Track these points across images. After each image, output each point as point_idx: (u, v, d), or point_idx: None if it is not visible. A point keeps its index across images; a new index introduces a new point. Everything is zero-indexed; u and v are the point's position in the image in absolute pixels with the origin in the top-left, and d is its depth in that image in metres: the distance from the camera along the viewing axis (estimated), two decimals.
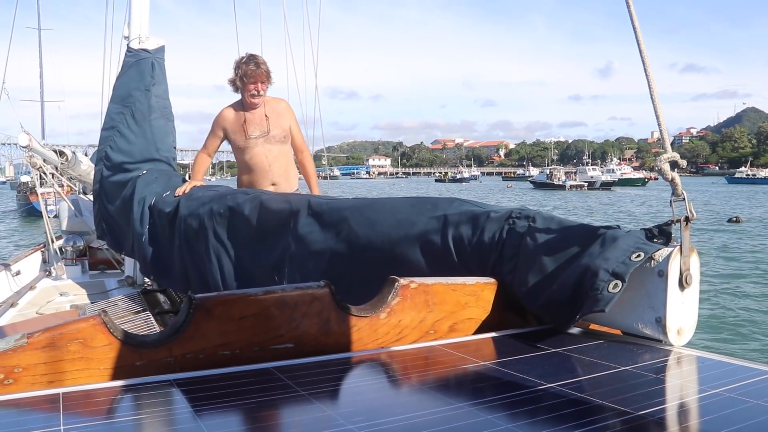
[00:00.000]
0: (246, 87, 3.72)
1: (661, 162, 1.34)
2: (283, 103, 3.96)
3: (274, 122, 3.80)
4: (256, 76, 3.69)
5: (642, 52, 1.46)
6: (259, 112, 3.80)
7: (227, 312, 1.31)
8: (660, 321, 1.31)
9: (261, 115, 3.80)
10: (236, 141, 3.78)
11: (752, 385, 1.04)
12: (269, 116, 3.79)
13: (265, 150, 3.76)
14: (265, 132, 3.77)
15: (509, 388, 1.08)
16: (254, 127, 3.76)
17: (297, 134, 3.99)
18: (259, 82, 3.72)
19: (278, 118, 3.82)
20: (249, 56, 3.81)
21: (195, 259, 2.76)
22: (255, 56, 3.82)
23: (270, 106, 3.84)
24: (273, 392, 1.09)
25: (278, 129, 3.80)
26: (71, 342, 1.20)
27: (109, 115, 3.90)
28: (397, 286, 1.45)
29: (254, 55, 3.85)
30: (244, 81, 3.71)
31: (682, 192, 1.36)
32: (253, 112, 3.78)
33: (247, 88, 3.71)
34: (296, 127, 3.99)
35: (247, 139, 3.73)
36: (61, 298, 4.62)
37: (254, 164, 3.74)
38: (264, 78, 3.74)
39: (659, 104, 1.45)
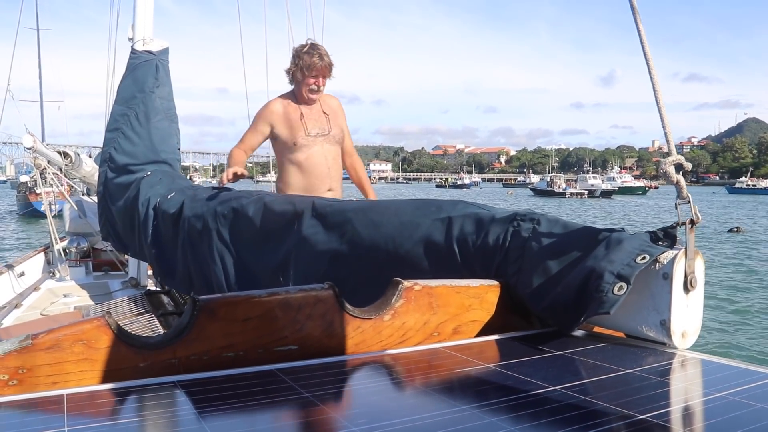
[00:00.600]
0: (305, 80, 3.39)
1: (666, 165, 1.34)
2: (336, 101, 3.63)
3: (333, 121, 3.50)
4: (318, 69, 3.37)
5: (646, 53, 1.46)
6: (317, 108, 3.48)
7: (231, 313, 1.31)
8: (664, 324, 1.31)
9: (319, 112, 3.48)
10: (290, 138, 3.39)
11: (757, 389, 1.04)
12: (328, 114, 3.49)
13: (324, 150, 3.44)
14: (325, 131, 3.45)
15: (513, 391, 1.08)
16: (313, 124, 3.43)
17: (348, 135, 3.66)
18: (320, 76, 3.40)
19: (335, 117, 3.53)
20: (311, 45, 3.43)
21: (198, 261, 2.76)
22: (317, 46, 3.45)
23: (326, 102, 3.52)
24: (277, 394, 1.09)
25: (337, 128, 3.51)
26: (75, 343, 1.20)
27: (113, 117, 3.91)
28: (401, 288, 1.45)
29: (316, 44, 3.48)
30: (304, 73, 3.38)
31: (687, 195, 1.35)
32: (310, 107, 3.47)
33: (307, 81, 3.39)
34: (347, 128, 3.65)
35: (306, 136, 3.39)
36: (65, 299, 4.63)
37: (311, 165, 3.40)
38: (326, 72, 3.42)
39: (664, 107, 1.45)
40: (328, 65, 3.42)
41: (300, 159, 3.41)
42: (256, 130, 3.48)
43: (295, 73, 3.42)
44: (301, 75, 3.38)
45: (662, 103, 1.45)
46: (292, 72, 3.44)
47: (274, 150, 3.54)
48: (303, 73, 3.38)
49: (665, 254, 1.33)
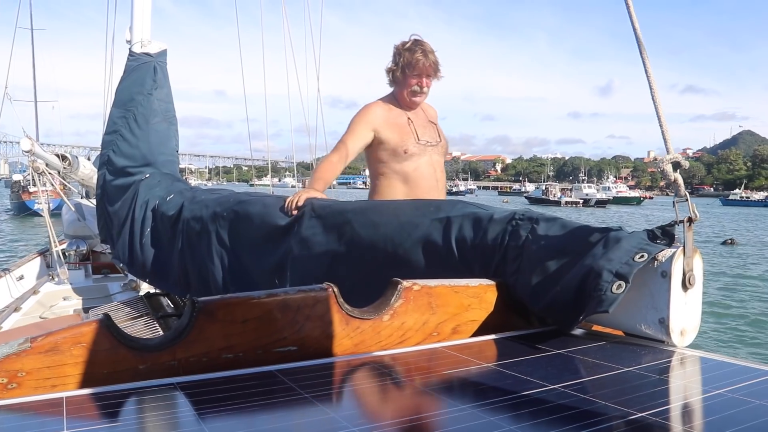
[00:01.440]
0: (407, 80, 3.03)
1: (664, 163, 1.34)
2: (434, 109, 3.32)
3: (439, 130, 3.20)
4: (422, 68, 3.00)
5: (642, 52, 1.46)
6: (421, 114, 3.15)
7: (230, 315, 1.31)
8: (663, 322, 1.31)
9: (424, 119, 3.15)
10: (400, 145, 3.01)
11: (756, 386, 1.04)
12: (433, 121, 3.19)
13: (434, 161, 3.11)
14: (436, 140, 3.12)
15: (512, 390, 1.08)
16: (423, 131, 3.09)
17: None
18: (424, 76, 3.03)
19: (438, 126, 3.23)
20: (414, 41, 3.06)
21: (197, 262, 2.76)
22: (421, 42, 3.06)
23: (427, 109, 3.20)
24: (276, 395, 1.09)
25: (444, 139, 3.17)
26: (74, 346, 1.20)
27: (111, 119, 3.91)
28: (400, 288, 1.45)
29: (420, 40, 3.09)
30: (405, 72, 3.02)
31: (685, 193, 1.36)
32: (415, 113, 3.12)
33: (409, 82, 3.02)
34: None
35: (417, 144, 3.03)
36: (65, 302, 4.63)
37: (419, 177, 3.03)
38: (431, 71, 3.05)
39: (661, 106, 1.45)
40: (433, 63, 3.05)
41: (407, 169, 3.04)
42: (356, 136, 3.04)
43: (395, 72, 3.07)
44: (402, 75, 3.04)
45: (659, 102, 1.46)
46: (392, 72, 3.09)
47: (371, 159, 3.16)
48: (404, 73, 3.03)
49: (663, 252, 1.33)
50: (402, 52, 3.03)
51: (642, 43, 1.47)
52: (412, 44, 3.03)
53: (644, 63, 1.47)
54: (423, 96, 3.08)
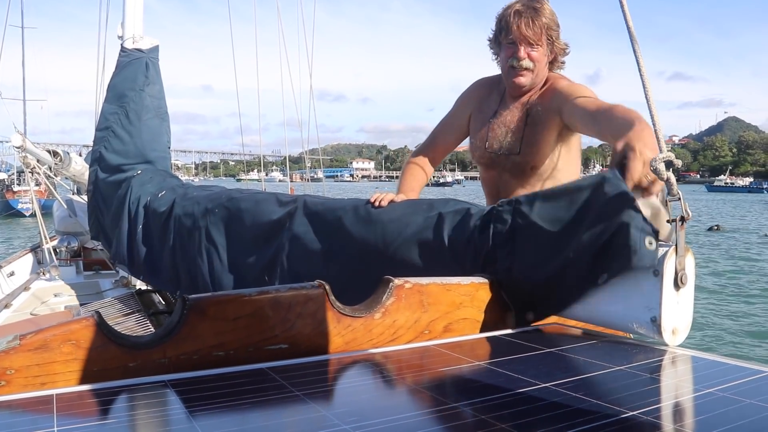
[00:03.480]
0: (503, 52, 2.36)
1: (657, 162, 1.34)
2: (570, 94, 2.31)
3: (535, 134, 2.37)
4: (517, 33, 2.26)
5: (636, 51, 1.46)
6: (532, 107, 2.36)
7: (221, 312, 1.30)
8: (655, 321, 1.31)
9: (517, 116, 2.39)
10: (473, 147, 2.53)
11: (746, 385, 1.04)
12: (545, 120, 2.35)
13: (500, 180, 2.49)
14: (510, 149, 2.41)
15: (504, 388, 1.08)
16: (501, 133, 2.42)
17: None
18: (524, 44, 2.28)
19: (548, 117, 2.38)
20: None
21: (187, 259, 2.75)
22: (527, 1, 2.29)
23: (552, 98, 2.32)
24: (267, 392, 1.08)
25: (530, 150, 2.36)
26: (64, 343, 1.19)
27: (103, 115, 3.90)
28: (392, 286, 1.45)
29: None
30: (499, 41, 2.35)
31: (677, 192, 1.36)
32: (515, 104, 2.41)
33: (504, 53, 2.35)
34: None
35: (485, 151, 2.48)
36: (56, 299, 4.61)
37: (485, 194, 2.58)
38: (534, 37, 2.26)
39: (654, 105, 1.45)
40: (542, 27, 2.25)
41: (482, 180, 2.57)
42: (447, 115, 2.59)
43: (492, 42, 2.39)
44: (497, 45, 2.37)
45: (652, 101, 1.46)
46: (491, 41, 2.41)
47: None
48: (498, 42, 2.36)
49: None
50: (502, 14, 2.33)
51: (635, 39, 1.47)
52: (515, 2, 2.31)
53: (638, 63, 1.47)
54: (528, 75, 2.31)
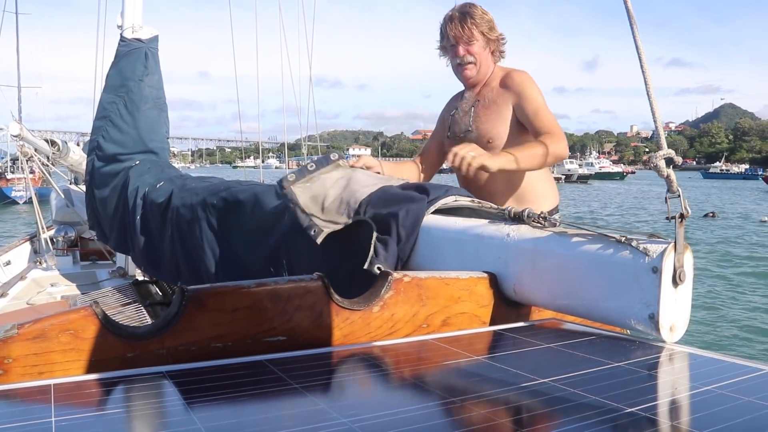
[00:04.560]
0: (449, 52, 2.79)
1: (657, 159, 1.34)
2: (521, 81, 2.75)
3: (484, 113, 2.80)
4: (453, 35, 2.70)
5: (638, 48, 1.46)
6: (485, 94, 2.79)
7: (220, 304, 1.30)
8: (653, 317, 1.31)
9: (473, 101, 2.81)
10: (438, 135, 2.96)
11: (744, 382, 1.04)
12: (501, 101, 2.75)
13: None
14: (467, 129, 2.81)
15: (502, 383, 1.08)
16: (463, 118, 2.82)
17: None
18: (460, 43, 2.71)
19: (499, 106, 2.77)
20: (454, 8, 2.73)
21: (186, 251, 2.75)
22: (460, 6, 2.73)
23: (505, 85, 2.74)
24: (265, 385, 1.08)
25: (483, 128, 2.75)
26: (62, 333, 1.19)
27: (101, 105, 3.88)
28: (390, 279, 1.45)
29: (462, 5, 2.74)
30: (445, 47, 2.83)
31: (677, 189, 1.36)
32: (474, 94, 2.82)
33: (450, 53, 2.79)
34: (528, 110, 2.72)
35: (447, 138, 2.89)
36: (52, 288, 4.61)
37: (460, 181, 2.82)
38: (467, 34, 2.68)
39: (656, 102, 1.45)
40: (473, 25, 2.67)
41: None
42: (432, 133, 3.00)
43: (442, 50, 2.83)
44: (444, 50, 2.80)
45: (654, 97, 1.46)
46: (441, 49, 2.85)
47: None
48: (444, 48, 2.81)
49: (654, 247, 1.33)
50: (441, 25, 2.77)
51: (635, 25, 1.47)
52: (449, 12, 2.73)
53: (640, 58, 1.47)
54: (474, 69, 2.72)
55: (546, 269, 1.52)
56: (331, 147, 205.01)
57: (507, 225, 1.66)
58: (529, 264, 1.56)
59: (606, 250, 1.40)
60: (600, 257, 1.40)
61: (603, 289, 1.40)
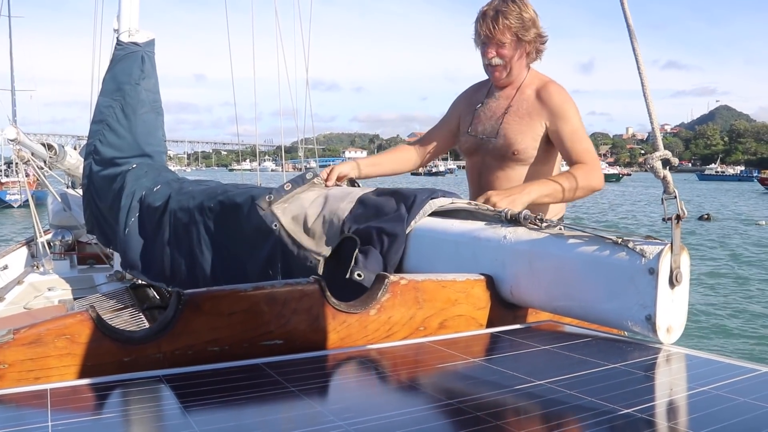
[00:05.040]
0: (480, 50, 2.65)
1: (653, 160, 1.34)
2: (555, 94, 2.63)
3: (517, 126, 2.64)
4: (484, 35, 2.57)
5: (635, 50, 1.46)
6: (517, 99, 2.67)
7: (216, 307, 1.30)
8: (650, 319, 1.32)
9: (502, 106, 2.68)
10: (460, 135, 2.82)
11: (740, 383, 1.04)
12: (533, 112, 2.63)
13: (482, 164, 2.71)
14: (492, 135, 2.67)
15: (499, 385, 1.08)
16: (485, 120, 2.70)
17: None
18: (491, 44, 2.58)
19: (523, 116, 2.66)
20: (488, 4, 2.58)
21: (183, 254, 2.75)
22: (494, 2, 2.56)
23: (537, 93, 2.61)
24: (262, 388, 1.08)
25: (508, 137, 2.62)
26: (58, 338, 1.19)
27: (98, 108, 3.88)
28: (387, 282, 1.45)
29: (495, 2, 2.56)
30: (477, 44, 2.68)
31: (673, 190, 1.36)
32: (503, 96, 2.70)
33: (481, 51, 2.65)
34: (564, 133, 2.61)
35: (467, 135, 2.75)
36: (49, 293, 4.59)
37: (469, 181, 2.81)
38: (498, 35, 2.53)
39: (652, 102, 1.45)
40: (502, 26, 2.50)
41: (467, 168, 2.76)
42: (441, 120, 2.86)
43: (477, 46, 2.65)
44: (477, 47, 2.64)
45: (650, 98, 1.46)
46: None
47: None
48: (477, 45, 2.65)
49: (651, 249, 1.33)
50: (476, 18, 2.62)
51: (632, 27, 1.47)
52: (485, 6, 2.58)
53: (637, 61, 1.47)
54: (503, 71, 2.57)
55: (543, 271, 1.52)
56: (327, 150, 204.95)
57: (504, 227, 1.66)
58: (525, 266, 1.56)
59: (602, 251, 1.40)
60: (596, 259, 1.40)
61: (600, 291, 1.40)
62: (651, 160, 1.35)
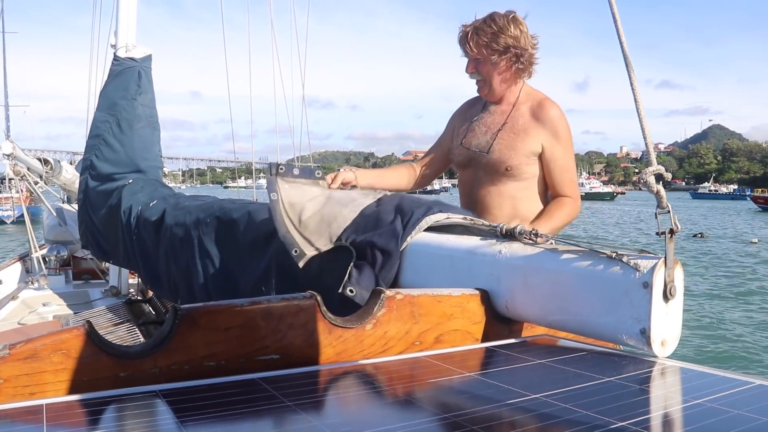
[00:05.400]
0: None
1: (647, 175, 1.36)
2: (550, 111, 2.65)
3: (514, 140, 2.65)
4: (465, 50, 2.62)
5: (628, 64, 1.48)
6: (514, 114, 2.67)
7: (213, 323, 1.30)
8: (644, 332, 1.32)
9: (498, 120, 2.69)
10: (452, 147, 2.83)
11: (734, 396, 1.05)
12: (528, 129, 2.64)
13: (474, 178, 2.72)
14: (485, 148, 2.66)
15: (494, 399, 1.08)
16: (480, 134, 2.70)
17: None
18: (470, 59, 2.63)
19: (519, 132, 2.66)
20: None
21: (181, 269, 2.74)
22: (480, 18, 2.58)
23: (532, 110, 2.64)
24: (259, 403, 1.08)
25: (501, 152, 2.62)
26: (54, 353, 1.18)
27: (95, 123, 3.89)
28: (383, 297, 1.45)
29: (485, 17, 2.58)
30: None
31: (667, 204, 1.37)
32: (498, 110, 2.71)
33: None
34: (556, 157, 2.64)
35: (460, 147, 2.77)
36: (44, 308, 4.58)
37: (461, 194, 2.82)
38: (475, 49, 2.57)
39: (645, 118, 1.47)
40: (482, 44, 2.53)
41: (460, 182, 2.75)
42: (441, 134, 2.86)
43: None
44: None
45: (643, 114, 1.47)
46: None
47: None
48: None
49: (645, 263, 1.34)
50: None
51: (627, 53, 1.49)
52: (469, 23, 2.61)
53: (630, 77, 1.48)
54: (485, 87, 2.62)
55: (538, 285, 1.53)
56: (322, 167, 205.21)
57: (499, 242, 1.67)
58: (520, 280, 1.56)
59: (597, 265, 1.41)
60: (591, 273, 1.41)
61: (594, 305, 1.41)
62: (644, 175, 1.36)
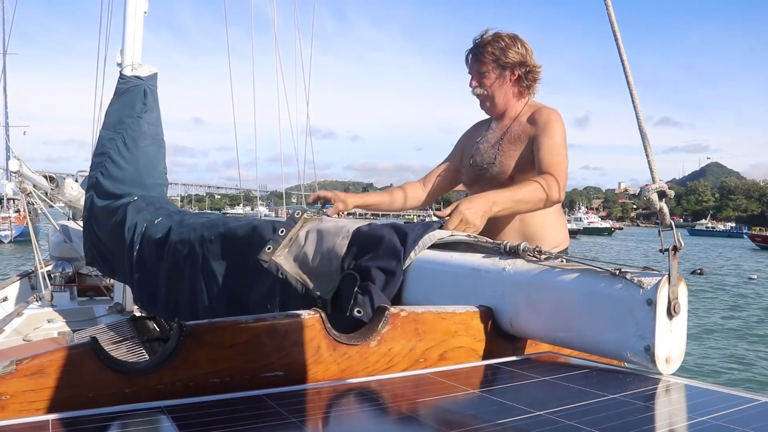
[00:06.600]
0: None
1: (650, 192, 1.36)
2: (547, 116, 2.67)
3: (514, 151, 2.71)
4: (469, 65, 2.74)
5: (630, 84, 1.49)
6: (513, 128, 2.74)
7: (218, 339, 1.30)
8: (649, 349, 1.32)
9: (499, 133, 2.78)
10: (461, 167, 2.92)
11: (738, 413, 1.05)
12: (526, 137, 2.70)
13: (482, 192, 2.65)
14: (490, 161, 2.77)
15: (499, 416, 1.08)
16: (485, 150, 2.80)
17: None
18: (473, 74, 2.75)
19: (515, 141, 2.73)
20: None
21: (184, 286, 2.75)
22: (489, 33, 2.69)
23: (531, 120, 2.69)
24: (264, 419, 1.09)
25: (505, 163, 2.70)
26: (61, 369, 1.19)
27: (100, 141, 3.92)
28: (387, 314, 1.46)
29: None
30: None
31: (670, 222, 1.38)
32: (500, 126, 2.80)
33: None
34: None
35: (469, 167, 2.87)
36: (49, 324, 4.59)
37: None
38: (476, 64, 2.71)
39: (647, 134, 1.47)
40: (484, 59, 2.66)
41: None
42: (447, 156, 2.93)
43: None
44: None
45: (645, 129, 1.48)
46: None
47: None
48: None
49: (649, 280, 1.35)
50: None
51: (628, 72, 1.50)
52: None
53: (631, 92, 1.50)
54: (487, 102, 2.74)
55: (542, 303, 1.53)
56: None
57: (503, 259, 1.67)
58: (524, 298, 1.57)
59: (601, 283, 1.41)
60: (595, 290, 1.41)
61: (598, 322, 1.41)
62: (647, 192, 1.36)
